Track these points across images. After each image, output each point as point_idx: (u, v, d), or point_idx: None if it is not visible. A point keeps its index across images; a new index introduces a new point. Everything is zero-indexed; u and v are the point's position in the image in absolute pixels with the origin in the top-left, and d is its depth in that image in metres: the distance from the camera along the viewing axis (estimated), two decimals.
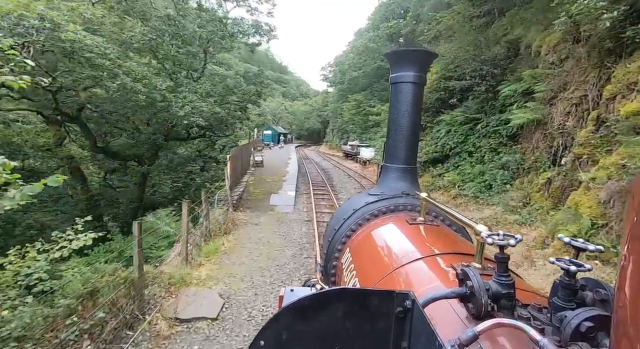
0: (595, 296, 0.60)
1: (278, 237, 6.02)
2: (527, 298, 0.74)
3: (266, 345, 0.59)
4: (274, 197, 8.98)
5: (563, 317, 0.56)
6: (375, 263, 1.23)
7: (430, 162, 11.13)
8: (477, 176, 8.18)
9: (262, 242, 5.72)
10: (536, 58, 7.48)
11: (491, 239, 0.69)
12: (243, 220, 7.03)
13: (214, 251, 5.11)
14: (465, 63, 9.95)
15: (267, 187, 10.26)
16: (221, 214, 6.51)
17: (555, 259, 0.61)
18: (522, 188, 6.81)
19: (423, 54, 1.73)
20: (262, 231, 6.35)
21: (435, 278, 0.93)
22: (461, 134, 9.60)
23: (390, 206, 1.61)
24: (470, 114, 9.57)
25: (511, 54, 8.93)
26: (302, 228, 6.65)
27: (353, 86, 31.69)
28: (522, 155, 7.28)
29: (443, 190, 9.29)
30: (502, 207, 6.80)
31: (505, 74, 8.54)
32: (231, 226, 6.36)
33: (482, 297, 0.62)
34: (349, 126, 30.00)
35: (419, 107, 1.77)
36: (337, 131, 37.07)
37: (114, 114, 8.68)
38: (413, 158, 1.84)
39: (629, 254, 0.35)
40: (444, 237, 1.35)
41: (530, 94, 7.06)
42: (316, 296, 0.61)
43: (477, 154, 8.68)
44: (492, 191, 7.56)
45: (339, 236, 1.64)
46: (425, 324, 0.55)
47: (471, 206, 7.79)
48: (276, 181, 11.58)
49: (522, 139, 7.59)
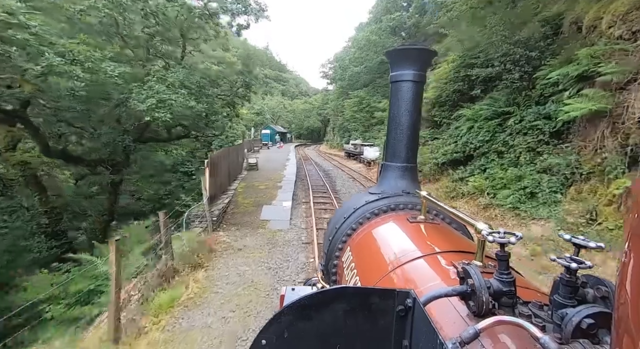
0: (596, 293, 0.73)
1: (266, 274, 5.28)
2: (528, 295, 0.88)
3: (268, 344, 0.71)
4: (266, 210, 8.90)
5: (564, 314, 0.69)
6: (376, 262, 1.43)
7: (448, 164, 11.13)
8: (513, 182, 7.94)
9: (243, 283, 4.93)
10: (589, 35, 7.15)
11: (492, 237, 0.85)
12: (224, 243, 6.57)
13: (168, 304, 4.16)
14: (491, 47, 9.94)
15: (259, 197, 10.33)
16: (194, 239, 5.97)
17: (556, 256, 0.76)
18: (582, 199, 6.32)
19: (423, 52, 2.00)
20: (246, 262, 5.75)
21: (436, 276, 1.09)
22: (487, 131, 9.58)
23: (391, 205, 1.88)
24: (498, 107, 9.55)
25: (548, 32, 8.72)
26: (299, 256, 6.09)
27: (354, 82, 34.88)
28: (577, 156, 6.82)
29: (468, 198, 9.16)
30: (556, 224, 6.34)
31: (544, 57, 8.43)
32: (204, 257, 5.72)
33: (483, 295, 0.76)
34: (351, 124, 32.37)
35: (419, 106, 2.07)
36: (338, 129, 40.55)
37: (70, 111, 8.40)
38: (413, 156, 2.15)
39: (630, 251, 0.42)
40: (445, 235, 1.57)
41: (588, 79, 6.67)
42: (317, 294, 0.74)
43: (510, 154, 8.57)
44: (537, 200, 7.18)
45: (339, 235, 1.91)
46: (426, 323, 0.67)
47: (510, 220, 7.35)
48: (270, 187, 11.76)
49: (573, 136, 7.22)
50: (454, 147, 10.87)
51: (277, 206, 9.30)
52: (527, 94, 8.94)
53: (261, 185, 12.08)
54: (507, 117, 9.21)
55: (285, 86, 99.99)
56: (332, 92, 51.61)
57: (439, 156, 11.64)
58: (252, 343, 0.72)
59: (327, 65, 50.65)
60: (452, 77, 12.63)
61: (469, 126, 10.47)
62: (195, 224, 7.26)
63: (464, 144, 10.38)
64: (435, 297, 0.80)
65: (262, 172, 15.18)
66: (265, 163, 18.44)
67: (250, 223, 7.98)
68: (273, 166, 17.70)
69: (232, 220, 8.21)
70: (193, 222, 7.30)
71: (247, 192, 10.89)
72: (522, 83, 8.99)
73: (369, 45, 30.85)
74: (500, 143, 9.04)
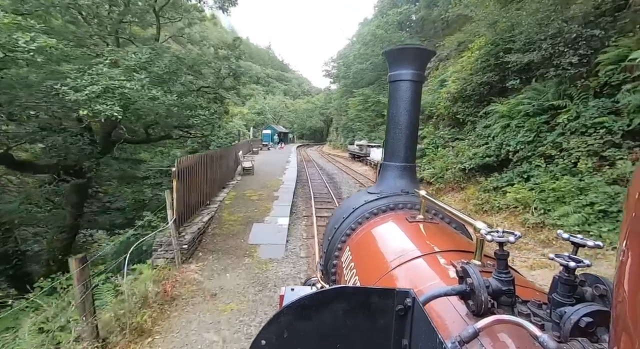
0: (594, 292, 0.90)
1: (244, 346, 4.02)
2: (526, 294, 1.06)
3: (267, 344, 0.87)
4: (257, 230, 8.37)
5: (562, 313, 0.85)
6: (375, 261, 1.66)
7: (477, 169, 10.96)
8: (572, 195, 7.44)
9: None
10: None
11: (490, 236, 1.03)
12: (193, 283, 5.55)
13: None
14: (534, 26, 9.59)
15: (250, 211, 9.82)
16: (147, 279, 4.83)
17: (555, 255, 0.95)
18: None
19: (421, 52, 2.34)
20: (217, 322, 4.49)
21: (435, 276, 1.29)
22: (529, 130, 9.33)
23: (390, 204, 2.24)
24: (544, 101, 9.29)
25: (608, 6, 8.37)
26: None
27: (359, 80, 38.44)
28: None
29: (507, 212, 8.82)
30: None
31: (607, 36, 8.09)
32: (157, 312, 4.55)
33: (482, 294, 0.93)
34: (355, 124, 35.38)
35: (418, 105, 2.47)
36: (342, 129, 45.47)
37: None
38: (412, 156, 2.55)
39: (628, 250, 0.49)
40: (444, 234, 1.86)
41: None
42: (317, 294, 0.90)
43: (564, 160, 8.22)
44: (613, 221, 6.64)
45: (338, 235, 2.19)
46: (425, 322, 0.82)
47: (583, 251, 5.93)
48: (265, 198, 11.35)
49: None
50: (485, 150, 10.73)
51: (271, 224, 8.88)
52: (584, 83, 8.46)
53: (254, 195, 11.84)
54: (556, 113, 8.90)
55: (288, 86, 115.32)
56: (335, 91, 57.71)
57: (465, 160, 11.55)
58: (252, 343, 0.87)
59: (330, 63, 56.43)
60: (479, 66, 12.61)
61: (503, 125, 10.34)
62: (160, 253, 6.23)
63: (497, 146, 10.23)
64: (434, 296, 0.98)
65: (258, 178, 15.51)
66: (263, 166, 19.24)
67: (235, 249, 7.26)
68: (271, 170, 18.38)
69: (212, 245, 7.47)
70: (157, 251, 6.27)
71: (235, 205, 10.38)
72: (577, 70, 8.48)
73: (375, 41, 34.06)
74: (548, 145, 8.73)
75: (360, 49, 38.48)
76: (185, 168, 7.56)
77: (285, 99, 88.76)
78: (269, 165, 20.50)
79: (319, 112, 76.83)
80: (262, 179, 15.19)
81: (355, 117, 35.34)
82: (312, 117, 77.84)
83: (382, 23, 34.95)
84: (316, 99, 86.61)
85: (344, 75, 44.63)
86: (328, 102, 68.56)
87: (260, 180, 14.87)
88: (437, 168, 13.48)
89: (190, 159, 8.19)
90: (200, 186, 8.93)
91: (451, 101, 14.35)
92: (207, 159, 9.77)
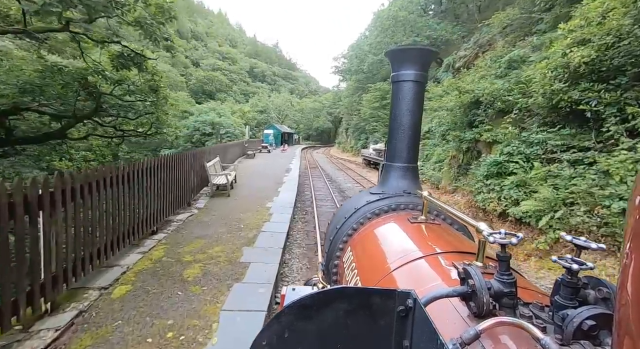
0: (597, 295, 0.89)
1: None
2: (529, 296, 1.06)
3: (268, 344, 0.87)
4: None
5: (565, 315, 0.85)
6: (376, 262, 1.67)
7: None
8: None
9: None
10: None
11: (493, 237, 1.03)
12: None
13: None
14: None
15: (181, 303, 4.14)
16: None
17: (557, 257, 0.94)
18: None
19: (424, 53, 2.37)
20: None
21: (436, 277, 1.29)
22: None
23: (392, 205, 2.21)
24: None
25: None
26: None
27: (374, 74, 34.34)
28: None
29: None
30: None
31: None
32: None
33: (483, 296, 0.93)
34: (370, 124, 31.10)
35: (421, 106, 2.46)
36: (353, 130, 40.49)
37: None
38: (414, 157, 2.59)
39: (631, 252, 0.49)
40: (446, 236, 1.87)
41: None
42: (318, 294, 0.91)
43: None
44: None
45: (340, 235, 2.21)
46: (427, 323, 0.82)
47: None
48: (217, 270, 5.14)
49: None
50: None
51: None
52: None
53: (198, 259, 5.57)
54: None
55: (295, 84, 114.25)
56: (347, 88, 52.81)
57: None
58: (252, 343, 0.87)
59: (340, 59, 51.84)
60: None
61: None
62: None
63: None
64: (435, 297, 0.98)
65: (234, 203, 9.79)
66: (252, 179, 14.30)
67: None
68: (261, 185, 12.91)
69: None
70: None
71: (122, 313, 3.90)
72: None
73: (396, 25, 29.44)
74: None
75: (377, 36, 34.26)
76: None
77: (292, 97, 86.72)
78: (261, 177, 15.17)
79: (326, 111, 74.01)
80: (239, 205, 9.58)
81: (370, 116, 31.69)
82: (320, 117, 75.14)
83: (406, 3, 31.20)
84: (324, 99, 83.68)
85: (356, 70, 40.26)
86: (337, 101, 64.90)
87: (234, 208, 9.08)
88: (540, 201, 7.12)
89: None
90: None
91: (565, 81, 7.71)
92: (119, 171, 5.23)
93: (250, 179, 14.40)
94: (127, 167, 5.57)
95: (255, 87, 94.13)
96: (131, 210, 5.70)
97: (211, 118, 35.97)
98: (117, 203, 5.25)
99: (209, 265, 5.41)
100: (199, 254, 5.85)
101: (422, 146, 16.83)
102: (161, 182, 7.08)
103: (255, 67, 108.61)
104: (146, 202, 6.31)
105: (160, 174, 7.04)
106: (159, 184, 6.98)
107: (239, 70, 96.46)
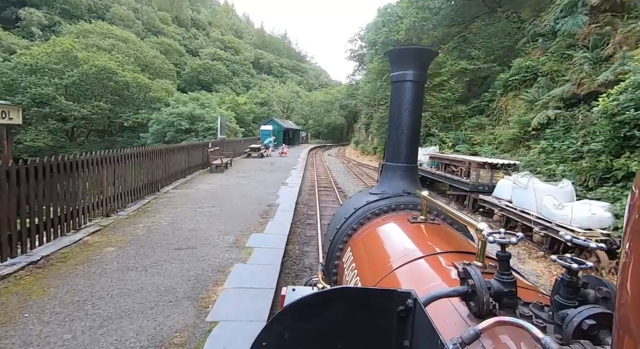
0: (597, 294, 0.89)
1: None
2: (528, 296, 1.06)
3: (268, 345, 0.87)
4: None
5: (565, 315, 0.85)
6: (376, 262, 1.67)
7: None
8: None
9: None
10: None
11: (492, 237, 1.03)
12: None
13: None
14: None
15: None
16: None
17: (557, 257, 0.94)
18: None
19: (424, 53, 2.39)
20: None
21: (436, 277, 1.30)
22: None
23: (392, 205, 2.23)
24: None
25: None
26: None
27: (420, 39, 23.87)
28: None
29: None
30: None
31: None
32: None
33: (483, 295, 0.93)
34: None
35: (420, 106, 2.52)
36: (378, 126, 29.96)
37: None
38: (414, 157, 2.60)
39: (631, 252, 0.48)
40: (445, 235, 1.88)
41: None
42: (318, 295, 0.91)
43: None
44: None
45: (340, 235, 2.23)
46: (427, 323, 0.82)
47: None
48: None
49: None
50: None
51: None
52: None
53: None
54: None
55: (304, 77, 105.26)
56: (367, 73, 39.93)
57: None
58: (253, 344, 0.87)
59: (356, 42, 42.55)
60: None
61: None
62: None
63: None
64: (435, 297, 0.98)
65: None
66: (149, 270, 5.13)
67: None
68: (210, 239, 6.37)
69: None
70: None
71: None
72: None
73: None
74: None
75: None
76: None
77: (299, 88, 77.54)
78: (221, 214, 8.12)
79: (339, 105, 62.53)
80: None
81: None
82: (331, 112, 63.82)
83: None
84: (336, 91, 71.88)
85: (384, 42, 27.44)
86: (353, 91, 52.34)
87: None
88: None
89: None
90: None
91: None
92: None
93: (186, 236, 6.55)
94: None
95: (260, 79, 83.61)
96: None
97: (189, 110, 29.16)
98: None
99: None
100: None
101: None
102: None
103: (261, 58, 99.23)
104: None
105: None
106: None
107: (242, 61, 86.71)
